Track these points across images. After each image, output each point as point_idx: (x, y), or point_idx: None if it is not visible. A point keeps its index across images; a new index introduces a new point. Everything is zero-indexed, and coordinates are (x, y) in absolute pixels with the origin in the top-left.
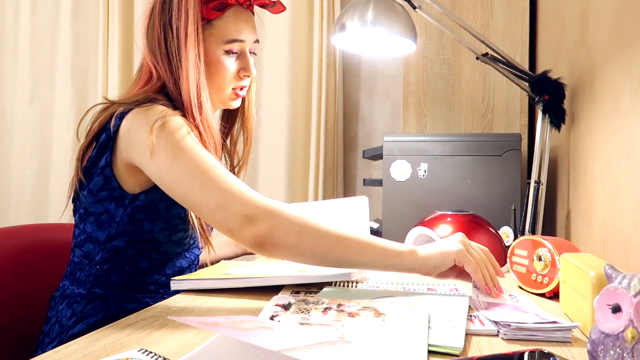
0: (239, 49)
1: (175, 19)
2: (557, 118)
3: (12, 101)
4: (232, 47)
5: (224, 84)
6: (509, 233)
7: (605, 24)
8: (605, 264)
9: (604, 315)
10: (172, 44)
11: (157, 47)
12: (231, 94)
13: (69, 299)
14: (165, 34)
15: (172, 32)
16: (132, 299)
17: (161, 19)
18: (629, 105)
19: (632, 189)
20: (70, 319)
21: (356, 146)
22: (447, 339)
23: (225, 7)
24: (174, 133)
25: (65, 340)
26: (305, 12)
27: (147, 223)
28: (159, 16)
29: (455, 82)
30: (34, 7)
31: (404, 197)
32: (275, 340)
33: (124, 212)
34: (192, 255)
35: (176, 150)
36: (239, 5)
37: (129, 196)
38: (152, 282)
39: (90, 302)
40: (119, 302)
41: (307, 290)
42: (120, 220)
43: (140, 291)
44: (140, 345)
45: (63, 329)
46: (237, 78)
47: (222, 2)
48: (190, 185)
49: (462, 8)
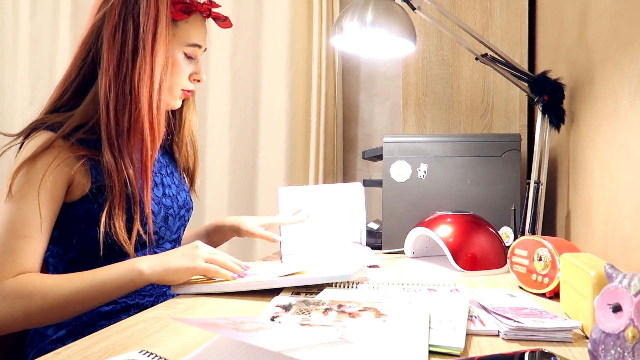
0: (195, 54)
1: (143, 13)
2: (556, 118)
3: (12, 103)
4: (192, 50)
5: (175, 85)
6: (509, 233)
7: (604, 24)
8: (605, 263)
9: (605, 314)
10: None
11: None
12: (181, 94)
13: None
14: (125, 27)
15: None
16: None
17: (122, 11)
18: (628, 105)
19: (632, 189)
20: (48, 328)
21: (356, 147)
22: (447, 339)
23: (190, 11)
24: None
25: (47, 347)
26: (304, 13)
27: (92, 230)
28: (119, 8)
29: (454, 83)
30: (34, 10)
31: (404, 198)
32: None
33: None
34: (162, 250)
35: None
36: (200, 13)
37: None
38: None
39: None
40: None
41: (307, 291)
42: (68, 230)
43: None
44: (141, 347)
45: (43, 337)
46: (187, 82)
47: (189, 6)
48: None
49: (461, 9)
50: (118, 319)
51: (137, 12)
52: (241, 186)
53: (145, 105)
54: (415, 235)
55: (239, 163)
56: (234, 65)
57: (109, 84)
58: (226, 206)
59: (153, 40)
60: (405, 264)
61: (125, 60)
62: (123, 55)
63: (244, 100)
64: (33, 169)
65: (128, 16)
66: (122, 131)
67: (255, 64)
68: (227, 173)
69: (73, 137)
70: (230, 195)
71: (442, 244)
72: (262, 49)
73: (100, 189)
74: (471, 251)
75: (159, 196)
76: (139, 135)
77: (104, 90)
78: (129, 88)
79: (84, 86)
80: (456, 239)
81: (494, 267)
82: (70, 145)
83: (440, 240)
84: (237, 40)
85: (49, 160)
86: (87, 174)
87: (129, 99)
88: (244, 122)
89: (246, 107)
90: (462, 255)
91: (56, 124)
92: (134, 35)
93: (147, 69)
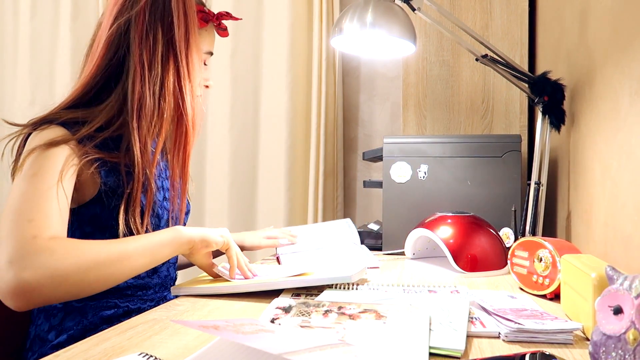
0: (207, 61)
1: (175, 18)
2: (557, 119)
3: (12, 104)
4: (207, 57)
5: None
6: (510, 234)
7: (604, 24)
8: (606, 265)
9: (606, 316)
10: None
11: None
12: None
13: (45, 312)
14: (155, 33)
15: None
16: (110, 305)
17: (151, 17)
18: (628, 106)
19: (633, 190)
20: (49, 332)
21: (356, 148)
22: (448, 341)
23: (208, 20)
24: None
25: (48, 352)
26: (304, 14)
27: (98, 235)
28: (148, 12)
29: (454, 84)
30: (34, 11)
31: (404, 199)
32: (276, 343)
33: (73, 228)
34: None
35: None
36: (212, 22)
37: (74, 211)
38: (128, 287)
39: (68, 315)
40: (97, 311)
41: (307, 292)
42: (72, 236)
43: (118, 297)
44: (141, 349)
45: (44, 342)
46: (201, 86)
47: (207, 15)
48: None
49: (462, 9)
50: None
51: (169, 17)
52: (241, 187)
53: (189, 109)
54: (415, 236)
55: (239, 164)
56: (235, 66)
57: (141, 87)
58: (226, 207)
59: (187, 47)
60: (405, 265)
61: (157, 63)
62: (154, 60)
63: (245, 101)
64: (48, 152)
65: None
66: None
67: (256, 65)
68: (228, 174)
69: (92, 140)
70: (231, 196)
71: (442, 245)
72: (262, 50)
73: (112, 191)
74: (471, 252)
75: (160, 200)
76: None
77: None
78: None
79: (108, 86)
80: (456, 240)
81: (495, 268)
82: (85, 150)
83: (440, 241)
84: (237, 41)
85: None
86: (96, 178)
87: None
88: (244, 123)
89: (246, 107)
90: (462, 257)
91: (70, 120)
92: (167, 40)
93: (184, 74)
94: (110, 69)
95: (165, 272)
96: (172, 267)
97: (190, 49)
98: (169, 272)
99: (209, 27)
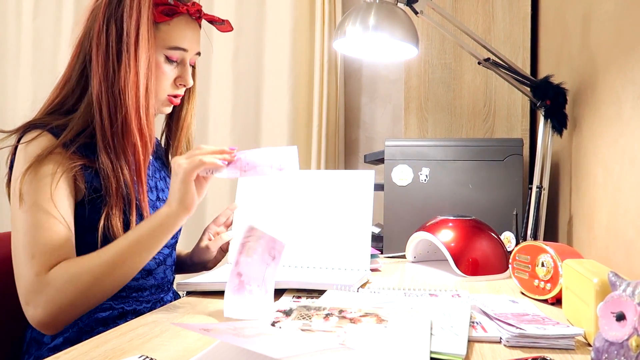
0: (180, 57)
1: (127, 16)
2: (559, 123)
3: (14, 104)
4: (173, 54)
5: (160, 89)
6: (511, 238)
7: (607, 29)
8: (608, 270)
9: (608, 323)
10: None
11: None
12: (165, 101)
13: None
14: (108, 30)
15: (119, 29)
16: (105, 307)
17: (107, 14)
18: (631, 110)
19: (635, 195)
20: (45, 335)
21: (357, 150)
22: (449, 346)
23: (174, 13)
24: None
25: (44, 355)
26: (306, 16)
27: (89, 235)
28: (104, 10)
29: (456, 87)
30: (37, 11)
31: (406, 202)
32: (276, 347)
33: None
34: (159, 255)
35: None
36: (189, 15)
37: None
38: (123, 289)
39: None
40: (92, 313)
41: (308, 295)
42: None
43: (112, 299)
44: (141, 351)
45: (40, 345)
46: (173, 86)
47: (172, 9)
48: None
49: (464, 13)
50: (115, 325)
51: (120, 14)
52: None
53: (132, 109)
54: (416, 239)
55: None
56: (236, 68)
57: (99, 87)
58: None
59: (136, 44)
60: (406, 269)
61: (112, 62)
62: (109, 58)
63: (246, 102)
64: (40, 171)
65: (111, 19)
66: (116, 133)
67: (257, 67)
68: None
69: (73, 144)
70: (232, 197)
71: (443, 249)
72: (264, 52)
73: (97, 194)
74: (473, 256)
75: (153, 200)
76: (130, 138)
77: (95, 93)
78: (118, 91)
79: (81, 89)
80: (458, 244)
81: (496, 272)
82: (71, 154)
83: (441, 244)
84: (239, 43)
85: (55, 163)
86: (82, 181)
87: (119, 101)
88: (246, 125)
89: (248, 109)
90: (463, 260)
91: (58, 127)
92: (118, 38)
93: (132, 73)
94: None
95: (161, 274)
96: (168, 269)
97: (139, 44)
98: (165, 274)
99: (178, 21)
